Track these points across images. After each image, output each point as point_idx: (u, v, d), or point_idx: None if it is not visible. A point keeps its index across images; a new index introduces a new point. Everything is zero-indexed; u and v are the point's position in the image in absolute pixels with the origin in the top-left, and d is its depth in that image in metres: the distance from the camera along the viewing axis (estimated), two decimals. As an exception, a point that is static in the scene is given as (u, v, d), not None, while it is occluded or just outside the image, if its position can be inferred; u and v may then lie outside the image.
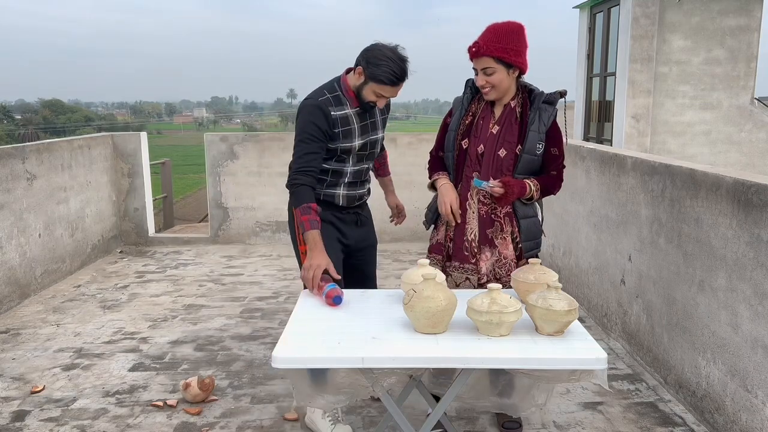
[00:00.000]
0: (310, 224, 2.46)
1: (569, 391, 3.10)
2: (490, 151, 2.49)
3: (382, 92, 2.47)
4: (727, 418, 2.60)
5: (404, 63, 2.45)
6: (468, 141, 2.53)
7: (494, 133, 2.49)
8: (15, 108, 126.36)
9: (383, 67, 2.40)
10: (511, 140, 2.49)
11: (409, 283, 2.13)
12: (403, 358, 1.83)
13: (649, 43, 7.15)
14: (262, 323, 4.10)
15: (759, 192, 2.39)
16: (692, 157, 7.32)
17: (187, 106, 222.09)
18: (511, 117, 2.50)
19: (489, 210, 2.51)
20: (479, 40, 2.40)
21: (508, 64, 2.40)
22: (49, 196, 4.99)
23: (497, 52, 2.37)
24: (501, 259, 2.51)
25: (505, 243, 2.52)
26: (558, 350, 1.85)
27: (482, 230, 2.51)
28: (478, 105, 2.55)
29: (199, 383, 3.00)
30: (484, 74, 2.42)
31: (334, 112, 2.51)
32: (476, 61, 2.42)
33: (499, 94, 2.47)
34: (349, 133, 2.55)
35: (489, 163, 2.49)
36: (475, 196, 2.51)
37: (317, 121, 2.49)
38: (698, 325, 2.81)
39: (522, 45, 2.43)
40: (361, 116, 2.59)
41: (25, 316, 4.27)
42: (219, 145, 6.26)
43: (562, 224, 4.72)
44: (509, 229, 2.53)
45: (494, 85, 2.43)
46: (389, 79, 2.42)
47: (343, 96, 2.55)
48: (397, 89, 2.49)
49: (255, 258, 5.83)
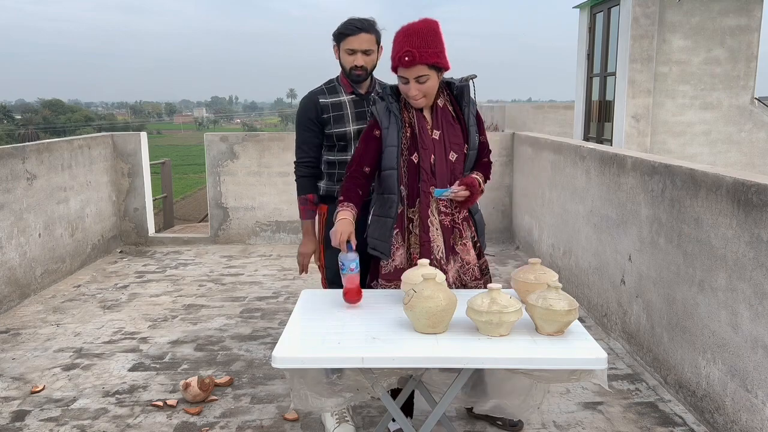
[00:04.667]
0: (305, 214, 2.77)
1: (569, 391, 3.10)
2: (441, 158, 2.37)
3: (350, 45, 2.59)
4: (727, 418, 2.60)
5: (363, 18, 2.60)
6: (417, 155, 2.35)
7: (437, 139, 2.37)
8: (15, 108, 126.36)
9: (341, 25, 2.61)
10: (458, 142, 2.39)
11: (409, 283, 2.13)
12: (403, 358, 1.83)
13: (649, 43, 7.15)
14: (262, 323, 4.10)
15: (759, 192, 2.39)
16: (692, 157, 7.31)
17: (187, 106, 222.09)
18: (446, 117, 2.39)
19: (451, 219, 2.41)
20: (410, 48, 2.21)
21: (439, 67, 2.28)
22: (49, 196, 4.99)
23: (431, 57, 2.22)
24: (464, 265, 2.44)
25: (466, 249, 2.44)
26: (558, 350, 1.85)
27: (446, 240, 2.40)
28: (409, 114, 2.38)
29: (199, 383, 3.00)
30: (417, 82, 2.26)
31: (323, 99, 2.69)
32: (408, 71, 2.24)
33: (429, 101, 2.35)
34: (341, 119, 2.67)
35: (442, 171, 2.37)
36: (435, 210, 2.38)
37: (308, 113, 2.70)
38: (698, 325, 2.81)
39: (444, 44, 2.30)
40: (357, 103, 2.71)
41: (25, 316, 4.26)
42: (219, 145, 6.26)
43: (562, 224, 4.72)
44: (468, 233, 2.46)
45: (427, 93, 2.30)
46: (346, 28, 2.58)
47: (338, 85, 2.73)
48: (362, 39, 2.57)
49: (255, 258, 5.83)
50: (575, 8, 8.74)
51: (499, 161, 6.31)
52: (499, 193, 6.35)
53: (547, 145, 5.16)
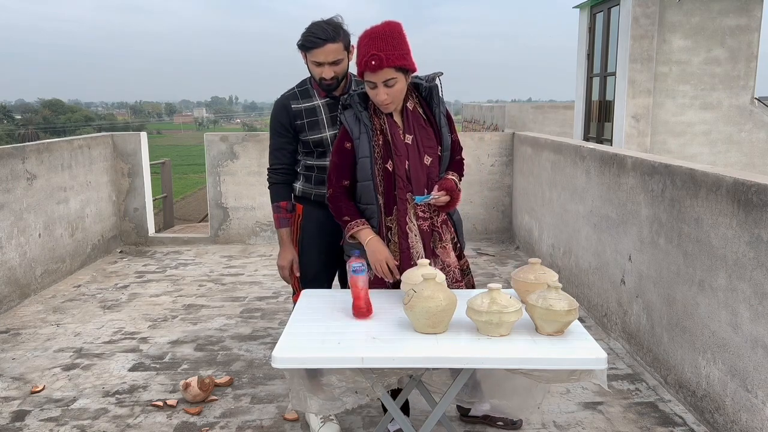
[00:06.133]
0: (279, 222, 2.70)
1: (569, 391, 3.10)
2: (415, 164, 2.33)
3: (316, 58, 2.43)
4: (727, 418, 2.60)
5: (328, 24, 2.42)
6: (391, 162, 2.32)
7: (410, 143, 2.33)
8: (15, 108, 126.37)
9: (305, 33, 2.43)
10: (431, 145, 2.36)
11: (409, 283, 2.13)
12: (403, 358, 1.83)
13: (649, 43, 7.15)
14: (262, 323, 4.10)
15: (759, 192, 2.39)
16: (692, 157, 7.32)
17: (187, 106, 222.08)
18: (417, 121, 2.36)
19: (430, 223, 2.38)
20: (376, 52, 2.15)
21: (406, 69, 2.24)
22: (49, 196, 4.99)
23: (398, 60, 2.18)
24: (445, 267, 2.40)
25: (446, 251, 2.41)
26: (558, 350, 1.85)
27: (426, 245, 2.37)
28: (380, 120, 2.33)
29: (199, 383, 3.00)
30: (386, 86, 2.21)
31: (296, 105, 2.57)
32: (375, 75, 2.19)
33: (397, 104, 2.32)
34: (315, 125, 2.57)
35: (417, 176, 2.34)
36: (413, 216, 2.35)
37: (280, 117, 2.61)
38: (698, 325, 2.81)
39: (408, 45, 2.26)
40: (332, 107, 2.57)
41: (25, 316, 4.26)
42: (219, 145, 6.26)
43: (562, 224, 4.72)
44: (447, 236, 2.43)
45: (395, 97, 2.25)
46: (309, 41, 2.40)
47: (311, 88, 2.60)
48: (328, 50, 2.39)
49: (255, 258, 5.83)
50: (575, 8, 8.74)
51: (499, 161, 6.32)
52: (499, 193, 6.35)
53: (547, 145, 5.16)
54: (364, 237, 2.33)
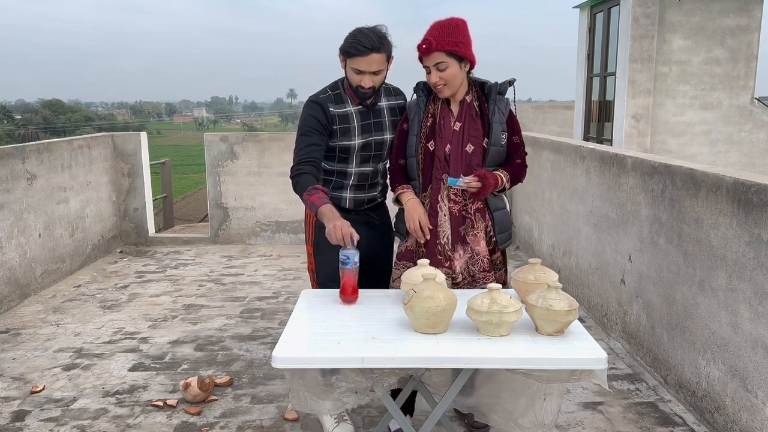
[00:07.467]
0: (320, 200, 2.31)
1: (569, 391, 3.10)
2: (456, 149, 2.47)
3: (358, 66, 2.41)
4: (727, 418, 2.60)
5: (374, 33, 2.41)
6: (434, 142, 2.49)
7: (457, 130, 2.47)
8: (15, 108, 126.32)
9: (349, 39, 2.42)
10: (477, 135, 2.48)
11: (409, 283, 2.13)
12: (403, 358, 1.83)
13: (649, 43, 7.15)
14: (262, 323, 4.10)
15: (759, 192, 2.39)
16: (692, 157, 7.31)
17: (187, 106, 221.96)
18: (470, 112, 2.49)
19: (461, 208, 2.49)
20: (428, 37, 2.38)
21: (459, 57, 2.39)
22: (49, 196, 4.99)
23: (448, 45, 2.36)
24: (474, 255, 2.49)
25: (477, 239, 2.49)
26: (558, 350, 1.85)
27: (455, 229, 2.48)
28: (435, 106, 2.51)
29: (199, 383, 3.00)
30: (437, 70, 2.39)
31: (333, 109, 2.52)
32: (428, 58, 2.40)
33: (452, 90, 2.45)
34: (347, 131, 2.54)
35: (457, 160, 2.47)
36: (445, 197, 2.48)
37: (316, 115, 2.51)
38: (698, 325, 2.81)
39: (469, 38, 2.43)
40: (364, 115, 2.56)
41: (25, 316, 4.26)
42: (219, 145, 6.26)
43: (562, 224, 4.72)
44: (481, 224, 2.50)
45: (447, 80, 2.40)
46: (354, 48, 2.39)
47: (344, 94, 2.56)
48: (371, 60, 2.39)
49: (255, 258, 5.83)
50: (575, 8, 8.74)
51: (499, 161, 6.31)
52: (499, 193, 6.34)
53: (547, 145, 5.16)
54: (405, 198, 2.52)
